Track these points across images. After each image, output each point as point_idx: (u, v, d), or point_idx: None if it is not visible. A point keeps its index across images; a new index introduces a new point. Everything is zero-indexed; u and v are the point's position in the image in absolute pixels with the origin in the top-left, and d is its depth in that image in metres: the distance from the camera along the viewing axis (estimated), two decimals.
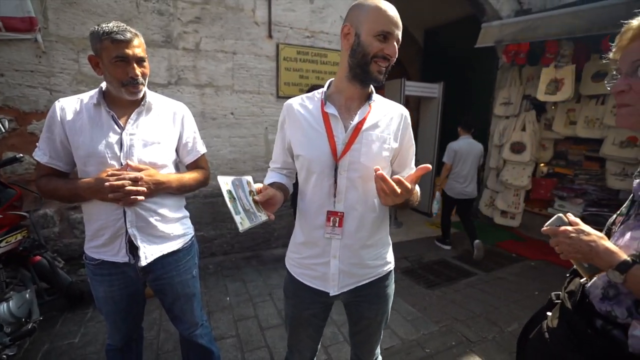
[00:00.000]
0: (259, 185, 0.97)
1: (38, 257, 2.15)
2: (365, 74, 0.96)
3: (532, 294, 2.83)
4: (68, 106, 1.18)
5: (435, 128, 4.89)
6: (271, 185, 1.08)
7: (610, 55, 0.77)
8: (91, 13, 2.56)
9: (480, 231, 4.49)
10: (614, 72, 0.75)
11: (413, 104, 6.13)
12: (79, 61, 2.60)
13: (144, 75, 1.19)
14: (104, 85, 1.22)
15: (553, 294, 0.97)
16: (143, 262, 1.23)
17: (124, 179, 1.11)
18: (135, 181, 1.14)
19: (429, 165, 0.85)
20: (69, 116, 1.17)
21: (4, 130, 1.97)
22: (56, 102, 1.19)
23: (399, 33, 0.96)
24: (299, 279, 1.13)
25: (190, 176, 1.35)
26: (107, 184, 1.09)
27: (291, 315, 1.20)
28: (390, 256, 1.18)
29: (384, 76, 0.96)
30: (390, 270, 1.18)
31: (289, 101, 1.10)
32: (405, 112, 1.09)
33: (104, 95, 1.21)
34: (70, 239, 2.81)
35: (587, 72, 3.61)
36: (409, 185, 0.84)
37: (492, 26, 3.86)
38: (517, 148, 4.22)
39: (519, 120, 4.28)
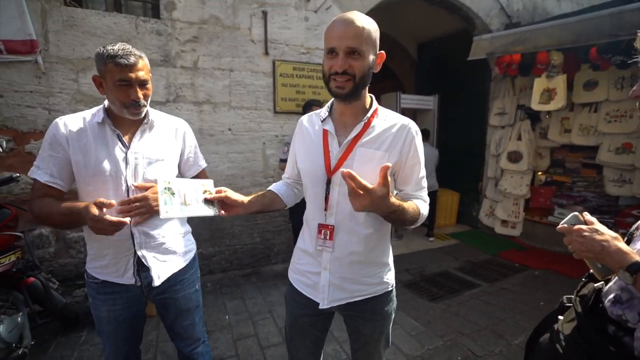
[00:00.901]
0: (223, 188, 1.09)
1: (32, 279, 2.11)
2: (330, 91, 0.97)
3: (538, 305, 2.77)
4: (71, 124, 1.16)
5: (432, 139, 4.92)
6: (263, 193, 1.17)
7: (635, 44, 0.76)
8: (91, 34, 2.61)
9: (482, 241, 4.48)
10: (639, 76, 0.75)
11: (409, 117, 6.19)
12: (78, 81, 2.64)
13: (145, 97, 1.18)
14: (106, 103, 1.21)
15: (565, 297, 0.96)
16: (157, 283, 1.24)
17: (121, 223, 1.03)
18: (139, 201, 1.12)
19: (389, 164, 0.82)
20: (73, 134, 1.15)
21: (1, 150, 1.97)
22: (57, 119, 1.17)
23: (350, 43, 0.90)
24: (295, 286, 1.16)
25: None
26: (109, 219, 1.00)
27: (289, 322, 1.21)
28: (389, 277, 1.14)
29: (348, 90, 0.94)
30: (389, 291, 1.14)
31: (302, 117, 1.18)
32: (410, 125, 1.04)
33: (107, 113, 1.20)
34: (66, 259, 2.76)
35: (578, 82, 3.68)
36: (369, 185, 0.81)
37: (483, 39, 3.96)
38: (514, 157, 4.25)
39: (514, 129, 4.32)
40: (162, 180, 1.03)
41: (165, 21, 2.86)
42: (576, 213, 0.82)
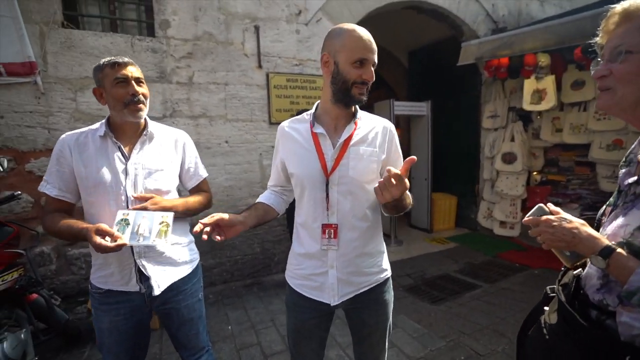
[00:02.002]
0: (215, 214, 1.07)
1: (34, 295, 2.12)
2: (347, 97, 1.04)
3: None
4: (75, 139, 1.23)
5: (427, 145, 4.99)
6: (255, 205, 1.19)
7: (597, 39, 0.78)
8: (88, 54, 2.69)
9: (481, 243, 4.49)
10: (599, 59, 0.77)
11: (403, 123, 6.29)
12: (77, 100, 2.70)
13: (144, 95, 1.25)
14: (108, 117, 1.28)
15: (548, 287, 0.97)
16: (156, 292, 1.25)
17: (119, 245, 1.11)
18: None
19: (414, 157, 0.91)
20: (76, 149, 1.22)
21: (2, 170, 2.01)
22: (62, 136, 1.24)
23: (374, 57, 1.03)
24: (298, 291, 1.16)
25: (194, 199, 1.40)
26: (109, 247, 1.08)
27: (293, 327, 1.21)
28: (386, 264, 1.21)
29: (365, 96, 1.05)
30: (387, 278, 1.21)
31: (282, 124, 1.20)
32: (389, 125, 1.16)
33: (110, 127, 1.26)
34: (67, 275, 2.77)
35: (566, 81, 3.76)
36: (398, 172, 0.89)
37: (471, 45, 4.06)
38: (509, 158, 4.30)
39: (507, 131, 4.39)
40: (120, 212, 1.15)
41: (160, 39, 2.94)
42: (541, 205, 0.83)
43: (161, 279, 1.27)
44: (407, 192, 1.05)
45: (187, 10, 3.01)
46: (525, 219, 0.84)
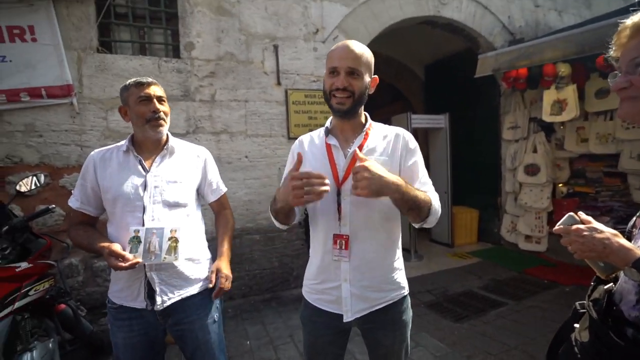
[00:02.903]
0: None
1: (63, 305, 2.20)
2: (331, 107, 1.07)
3: None
4: (101, 155, 1.32)
5: (445, 157, 4.93)
6: None
7: (612, 53, 0.79)
8: (119, 76, 2.86)
9: (505, 258, 4.32)
10: (615, 72, 0.77)
11: (421, 137, 6.24)
12: (107, 119, 2.87)
13: (164, 113, 1.32)
14: (132, 134, 1.36)
15: (577, 303, 0.93)
16: (160, 306, 1.24)
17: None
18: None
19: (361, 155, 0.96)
20: (101, 164, 1.30)
21: (39, 185, 2.14)
22: (92, 152, 1.34)
23: (350, 63, 1.01)
24: (314, 304, 1.15)
25: (227, 230, 1.48)
26: (123, 267, 1.16)
27: (308, 343, 1.20)
28: (403, 281, 1.18)
29: (348, 106, 1.04)
30: (405, 296, 1.17)
31: (300, 137, 1.23)
32: (402, 132, 1.15)
33: (133, 143, 1.34)
34: (93, 287, 2.86)
35: (589, 90, 3.66)
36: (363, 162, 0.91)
37: (488, 56, 4.04)
38: (532, 170, 4.17)
39: (529, 142, 4.28)
40: (132, 230, 1.20)
41: (185, 60, 3.11)
42: (571, 213, 0.82)
43: (167, 294, 1.26)
44: (418, 190, 1.02)
45: (210, 32, 3.18)
46: (556, 227, 0.83)
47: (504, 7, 4.50)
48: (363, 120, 1.14)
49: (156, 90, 1.31)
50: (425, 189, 1.11)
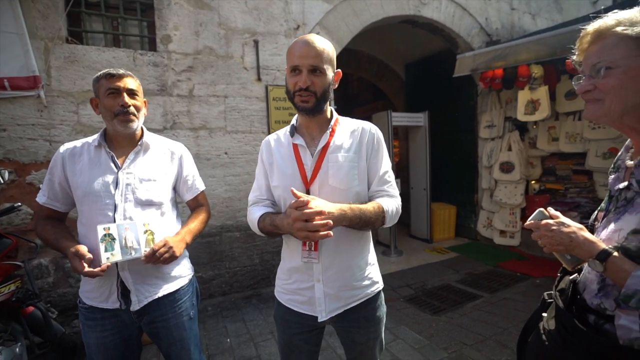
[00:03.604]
0: None
1: (31, 308, 2.10)
2: (295, 106, 1.05)
3: None
4: (70, 149, 1.26)
5: (425, 154, 5.03)
6: (265, 216, 1.09)
7: (574, 57, 0.83)
8: (91, 69, 2.74)
9: (482, 252, 4.47)
10: (579, 75, 0.81)
11: (401, 134, 6.36)
12: (79, 112, 2.74)
13: (136, 107, 1.26)
14: (104, 128, 1.30)
15: (545, 293, 0.97)
16: (135, 307, 1.21)
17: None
18: (162, 247, 1.19)
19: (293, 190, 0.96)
20: (70, 159, 1.24)
21: (2, 182, 2.02)
22: (61, 146, 1.27)
23: (312, 62, 0.99)
24: (287, 305, 1.13)
25: (196, 223, 1.39)
26: (91, 273, 1.10)
27: (282, 342, 1.19)
28: (377, 276, 1.18)
29: (312, 105, 1.02)
30: (379, 291, 1.17)
31: (267, 138, 1.20)
32: (369, 127, 1.13)
33: (105, 137, 1.29)
34: (64, 288, 2.75)
35: (560, 92, 3.83)
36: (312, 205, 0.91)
37: (466, 57, 4.15)
38: (506, 167, 4.33)
39: (504, 141, 4.43)
40: (100, 228, 1.11)
41: (161, 53, 3.01)
42: (542, 209, 0.86)
43: (142, 293, 1.23)
44: (369, 204, 1.04)
45: (189, 25, 3.09)
46: (527, 223, 0.86)
47: (481, 9, 4.62)
48: (329, 115, 1.12)
49: (128, 82, 1.24)
50: (384, 188, 1.11)
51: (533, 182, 4.44)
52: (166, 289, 1.28)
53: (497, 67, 3.87)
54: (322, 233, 0.90)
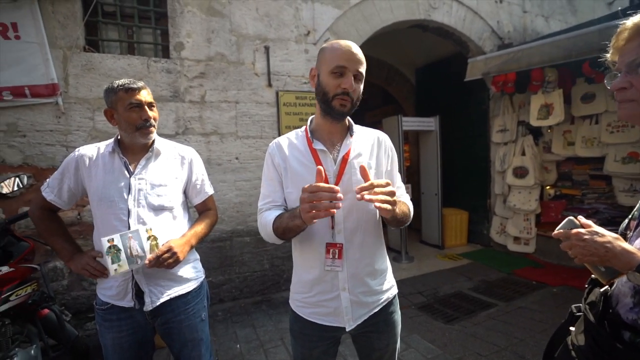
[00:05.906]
0: None
1: (46, 310, 2.13)
2: (330, 109, 1.00)
3: (559, 322, 2.64)
4: (86, 155, 1.29)
5: (436, 159, 4.97)
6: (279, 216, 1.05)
7: (608, 56, 0.79)
8: (107, 76, 2.81)
9: (495, 259, 4.37)
10: (614, 72, 0.77)
11: (412, 139, 6.30)
12: (94, 119, 2.80)
13: (154, 119, 1.32)
14: (118, 135, 1.34)
15: (573, 306, 0.92)
16: (149, 307, 1.25)
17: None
18: (166, 252, 1.22)
19: (363, 164, 0.94)
20: (86, 164, 1.28)
21: (22, 186, 2.08)
22: (76, 149, 1.31)
23: (357, 67, 0.97)
24: (308, 319, 1.09)
25: (202, 226, 1.41)
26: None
27: (300, 356, 1.16)
28: (392, 279, 1.19)
29: (347, 109, 1.00)
30: (395, 294, 1.18)
31: (277, 140, 1.13)
32: (381, 135, 1.15)
33: (119, 143, 1.32)
34: (78, 291, 2.79)
35: (575, 95, 3.75)
36: (375, 182, 0.89)
37: (477, 60, 4.10)
38: (520, 172, 4.24)
39: (517, 145, 4.35)
40: (104, 240, 1.15)
41: (174, 60, 3.07)
42: (571, 217, 0.79)
43: (155, 294, 1.26)
44: (402, 199, 1.08)
45: (201, 32, 3.15)
46: (555, 232, 0.81)
47: (493, 12, 4.58)
48: (346, 122, 1.12)
49: (146, 95, 1.29)
50: (401, 192, 1.14)
51: (548, 187, 4.33)
52: (178, 290, 1.31)
53: (509, 70, 3.81)
54: (331, 204, 0.84)
